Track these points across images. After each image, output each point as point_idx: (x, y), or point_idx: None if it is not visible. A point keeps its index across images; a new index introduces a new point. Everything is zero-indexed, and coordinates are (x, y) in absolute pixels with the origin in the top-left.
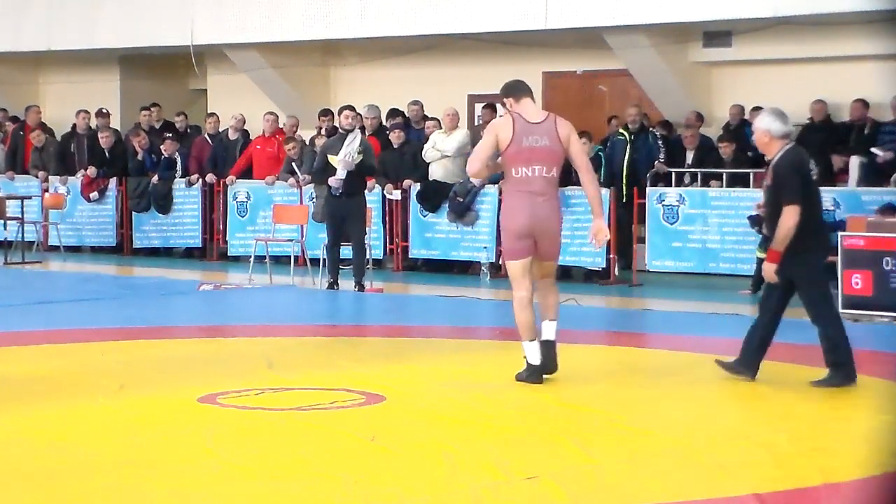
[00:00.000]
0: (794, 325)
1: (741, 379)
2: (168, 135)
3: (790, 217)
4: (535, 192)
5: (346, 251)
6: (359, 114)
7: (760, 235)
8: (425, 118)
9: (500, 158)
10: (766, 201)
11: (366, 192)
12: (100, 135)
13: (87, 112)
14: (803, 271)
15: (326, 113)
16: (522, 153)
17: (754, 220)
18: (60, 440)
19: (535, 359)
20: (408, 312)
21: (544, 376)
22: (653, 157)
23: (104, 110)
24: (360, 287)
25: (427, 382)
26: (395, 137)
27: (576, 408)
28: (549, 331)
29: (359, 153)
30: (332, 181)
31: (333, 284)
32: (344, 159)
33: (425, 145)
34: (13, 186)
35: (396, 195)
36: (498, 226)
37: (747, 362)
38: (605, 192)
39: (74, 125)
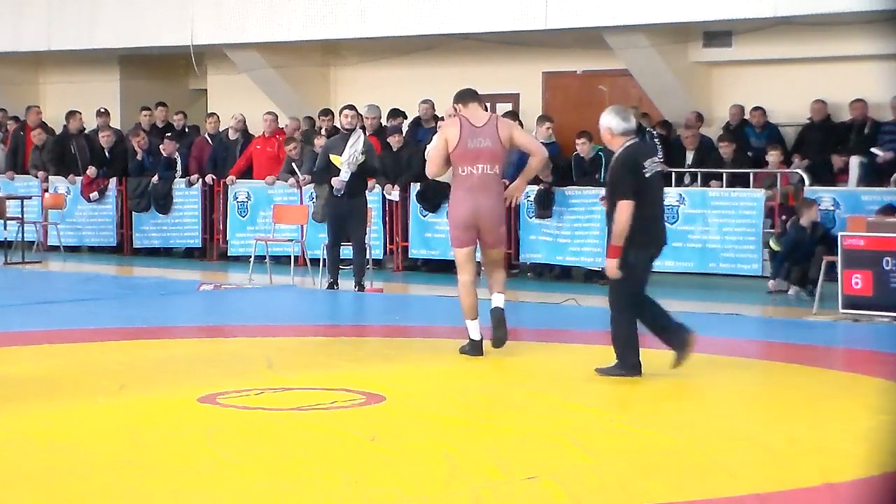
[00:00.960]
0: (795, 325)
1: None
2: (167, 134)
3: (622, 212)
4: (478, 187)
5: (346, 251)
6: (359, 113)
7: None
8: (436, 118)
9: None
10: (606, 197)
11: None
12: (100, 134)
13: (77, 112)
14: (622, 261)
15: (327, 113)
16: (468, 153)
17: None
18: (60, 440)
19: (477, 335)
20: (408, 312)
21: (500, 346)
22: None
23: (102, 110)
24: (360, 287)
25: (427, 382)
26: (395, 141)
27: (576, 408)
28: (497, 300)
29: (362, 153)
30: (335, 181)
31: (333, 284)
32: (348, 160)
33: (428, 145)
34: (13, 186)
35: (395, 195)
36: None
37: (680, 343)
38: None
39: (65, 126)
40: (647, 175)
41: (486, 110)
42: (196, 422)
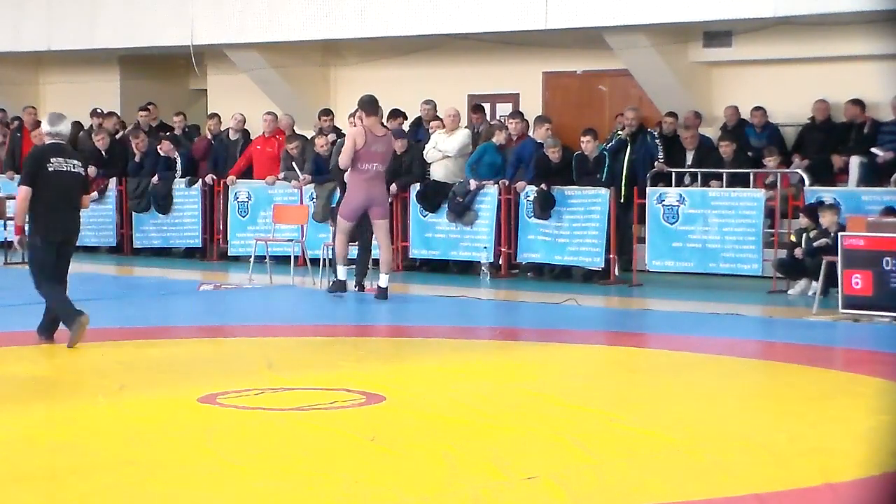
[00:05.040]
0: (795, 325)
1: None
2: (166, 133)
3: (19, 197)
4: (371, 178)
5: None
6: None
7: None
8: (437, 118)
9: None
10: None
11: None
12: (94, 136)
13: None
14: (29, 246)
15: (328, 113)
16: (368, 154)
17: (810, 210)
18: (60, 440)
19: (343, 275)
20: (408, 312)
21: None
22: (651, 157)
23: (99, 110)
24: (361, 287)
25: (427, 382)
26: (398, 146)
27: (576, 408)
28: (383, 280)
29: None
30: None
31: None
32: None
33: (426, 145)
34: (13, 186)
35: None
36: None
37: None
38: (605, 192)
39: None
40: (50, 170)
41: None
42: (196, 422)
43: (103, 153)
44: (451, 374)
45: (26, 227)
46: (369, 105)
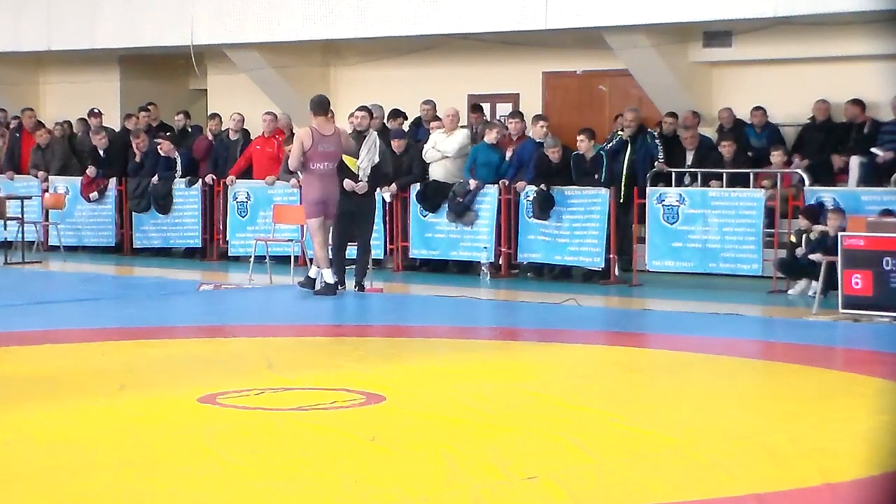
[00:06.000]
0: (795, 325)
1: None
2: (167, 133)
3: None
4: (325, 176)
5: (350, 250)
6: (371, 114)
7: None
8: (436, 118)
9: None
10: None
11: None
12: (93, 136)
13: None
14: None
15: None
16: (318, 154)
17: (809, 212)
18: (60, 440)
19: (331, 279)
20: (408, 312)
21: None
22: (651, 157)
23: (96, 110)
24: (361, 287)
25: (427, 382)
26: (397, 146)
27: (576, 408)
28: (327, 275)
29: (378, 156)
30: (350, 185)
31: (338, 285)
32: (366, 166)
33: (425, 145)
34: (13, 186)
35: (387, 196)
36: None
37: None
38: (605, 192)
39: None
40: None
41: (334, 122)
42: (196, 422)
43: (101, 152)
44: (451, 374)
45: None
46: (317, 105)
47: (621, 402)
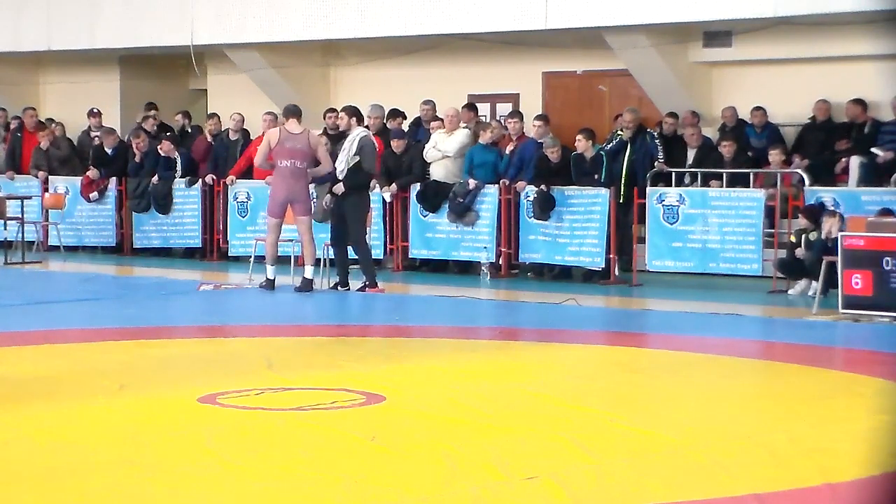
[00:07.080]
0: (795, 325)
1: None
2: (167, 133)
3: None
4: (291, 175)
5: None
6: (360, 115)
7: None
8: (436, 118)
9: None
10: None
11: (369, 192)
12: (104, 136)
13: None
14: None
15: (333, 111)
16: (284, 151)
17: (809, 212)
18: (60, 440)
19: (272, 274)
20: (408, 312)
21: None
22: (651, 157)
23: (95, 110)
24: (374, 285)
25: (427, 382)
26: (397, 146)
27: (576, 408)
28: (308, 272)
29: (355, 155)
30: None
31: (338, 285)
32: (343, 168)
33: (426, 145)
34: (13, 186)
35: (387, 196)
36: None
37: None
38: (605, 192)
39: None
40: None
41: (302, 124)
42: (196, 422)
43: (109, 152)
44: (451, 374)
45: None
46: (289, 112)
47: (621, 402)
